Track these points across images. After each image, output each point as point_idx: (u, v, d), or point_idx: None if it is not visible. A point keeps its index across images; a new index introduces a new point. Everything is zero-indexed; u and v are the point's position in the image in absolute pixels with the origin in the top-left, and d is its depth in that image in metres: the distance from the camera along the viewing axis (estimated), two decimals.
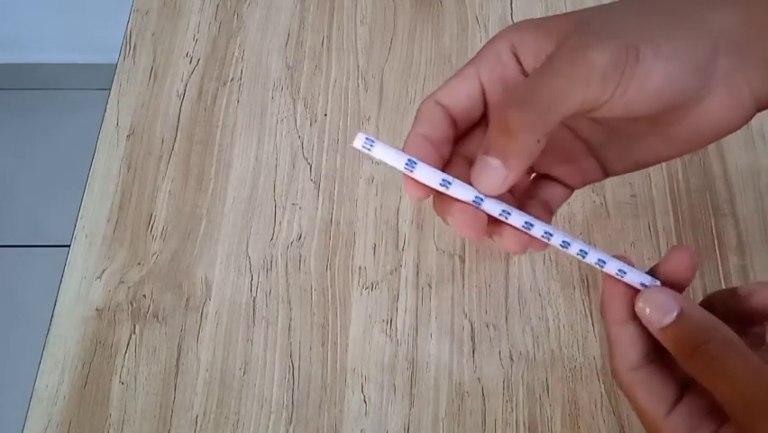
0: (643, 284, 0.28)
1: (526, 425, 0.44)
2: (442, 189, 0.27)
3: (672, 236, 0.49)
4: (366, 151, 0.26)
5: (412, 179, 0.27)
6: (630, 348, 0.27)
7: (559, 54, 0.26)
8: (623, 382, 0.27)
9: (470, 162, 0.27)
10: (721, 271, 0.48)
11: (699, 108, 0.27)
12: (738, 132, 0.54)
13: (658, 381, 0.27)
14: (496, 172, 0.26)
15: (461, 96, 0.28)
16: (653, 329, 0.26)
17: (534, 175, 0.32)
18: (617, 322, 0.27)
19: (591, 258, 0.28)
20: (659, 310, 0.26)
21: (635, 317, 0.27)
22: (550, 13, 0.58)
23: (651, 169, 0.52)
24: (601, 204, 0.50)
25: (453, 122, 0.29)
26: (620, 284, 0.28)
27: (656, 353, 0.28)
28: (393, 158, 0.27)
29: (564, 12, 0.29)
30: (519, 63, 0.28)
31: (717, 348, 0.25)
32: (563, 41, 0.26)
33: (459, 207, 0.27)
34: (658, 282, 0.28)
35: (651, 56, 0.25)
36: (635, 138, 0.30)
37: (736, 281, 0.47)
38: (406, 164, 0.27)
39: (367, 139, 0.26)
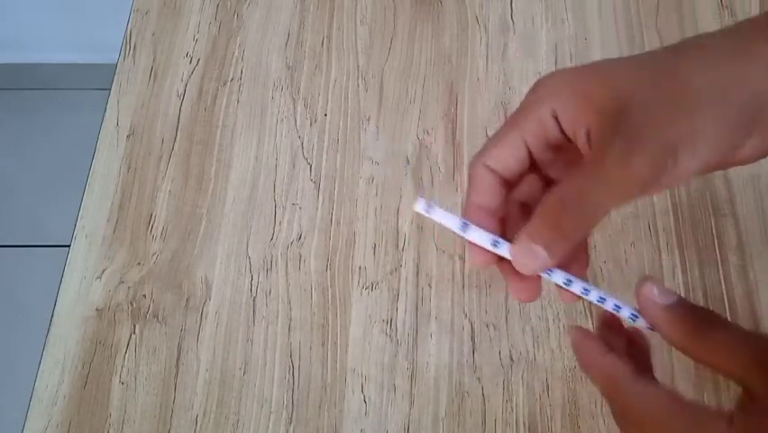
0: (633, 315, 0.30)
1: (526, 425, 0.44)
2: (491, 249, 0.30)
3: (672, 236, 0.49)
4: (425, 214, 0.29)
5: (475, 248, 0.31)
6: (628, 361, 0.29)
7: (605, 161, 0.28)
8: (634, 388, 0.29)
9: (520, 206, 0.32)
10: (721, 272, 0.48)
11: (738, 151, 0.29)
12: None
13: (662, 387, 0.29)
14: (539, 259, 0.28)
15: (510, 161, 0.31)
16: (656, 311, 0.29)
17: None
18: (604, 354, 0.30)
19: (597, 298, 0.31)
20: (665, 293, 0.29)
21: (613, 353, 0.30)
22: (550, 13, 0.58)
23: None
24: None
25: (505, 181, 0.31)
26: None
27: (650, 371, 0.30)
28: (449, 221, 0.30)
29: (565, 10, 0.30)
30: (559, 125, 0.30)
31: (717, 317, 0.28)
32: (606, 143, 0.28)
33: (516, 276, 0.30)
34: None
35: (689, 157, 0.27)
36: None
37: (735, 281, 0.47)
38: (461, 226, 0.30)
39: (426, 204, 0.29)
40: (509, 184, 0.31)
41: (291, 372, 0.46)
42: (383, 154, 0.53)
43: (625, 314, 0.30)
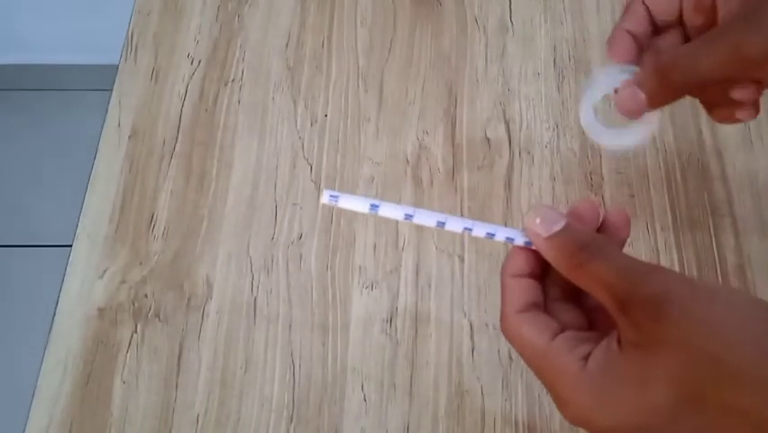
0: (527, 243, 0.31)
1: (525, 424, 0.44)
2: (407, 221, 0.31)
3: (670, 236, 0.49)
4: (333, 203, 0.31)
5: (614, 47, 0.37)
6: (520, 296, 0.30)
7: (722, 32, 0.33)
8: (511, 324, 0.30)
9: (657, 53, 0.36)
10: (719, 271, 0.48)
11: None
12: (736, 132, 0.54)
13: (542, 318, 0.30)
14: (638, 103, 0.35)
15: (665, 5, 0.36)
16: (540, 241, 0.29)
17: None
18: (514, 275, 0.31)
19: (500, 236, 0.31)
20: (548, 221, 0.29)
21: (528, 275, 0.31)
22: (549, 14, 0.59)
23: (649, 169, 0.52)
24: (600, 204, 0.51)
25: (653, 20, 0.37)
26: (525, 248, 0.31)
27: (540, 306, 0.31)
28: (358, 205, 0.31)
29: (563, 11, 0.31)
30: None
31: (599, 244, 0.28)
32: (733, 19, 0.33)
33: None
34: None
35: None
36: None
37: (733, 281, 0.48)
38: (371, 207, 0.31)
39: (331, 196, 0.31)
40: (656, 25, 0.37)
41: (292, 371, 0.46)
42: (383, 155, 0.53)
43: (519, 243, 0.31)
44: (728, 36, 0.32)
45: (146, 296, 0.48)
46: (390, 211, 0.31)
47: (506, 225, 0.31)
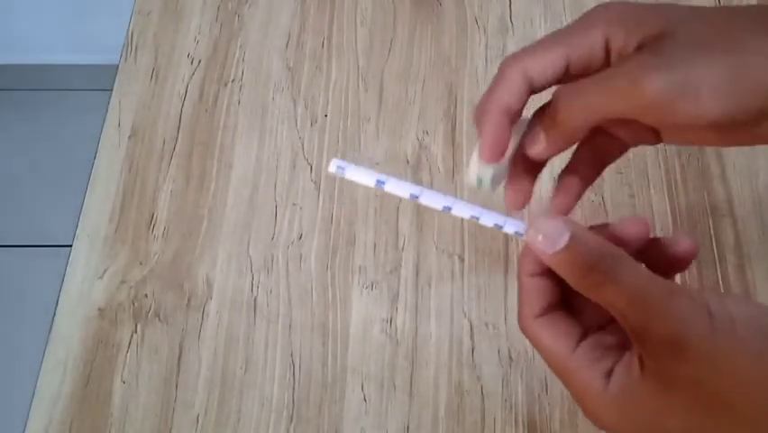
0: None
1: (525, 424, 0.44)
2: (412, 200, 0.29)
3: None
4: (340, 174, 0.30)
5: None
6: (537, 298, 0.29)
7: (621, 67, 0.29)
8: (530, 329, 0.29)
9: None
10: (719, 271, 0.48)
11: (756, 128, 0.28)
12: None
13: (562, 323, 0.29)
14: (540, 144, 0.31)
15: (548, 73, 0.30)
16: (546, 257, 0.27)
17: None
18: (530, 274, 0.29)
19: (509, 228, 0.30)
20: (550, 237, 0.27)
21: (544, 273, 0.29)
22: (549, 14, 0.59)
23: (649, 169, 0.52)
24: (600, 204, 0.51)
25: (531, 89, 0.31)
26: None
27: (561, 304, 0.29)
28: (365, 178, 0.30)
29: (563, 11, 0.31)
30: (607, 52, 0.30)
31: (610, 263, 0.26)
32: (634, 54, 0.29)
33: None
34: None
35: (712, 99, 0.27)
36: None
37: (733, 281, 0.48)
38: (377, 183, 0.30)
39: (339, 167, 0.29)
40: (534, 91, 0.32)
41: (292, 371, 0.46)
42: (383, 155, 0.53)
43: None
44: (628, 70, 0.28)
45: (146, 296, 0.48)
46: (397, 188, 0.30)
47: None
